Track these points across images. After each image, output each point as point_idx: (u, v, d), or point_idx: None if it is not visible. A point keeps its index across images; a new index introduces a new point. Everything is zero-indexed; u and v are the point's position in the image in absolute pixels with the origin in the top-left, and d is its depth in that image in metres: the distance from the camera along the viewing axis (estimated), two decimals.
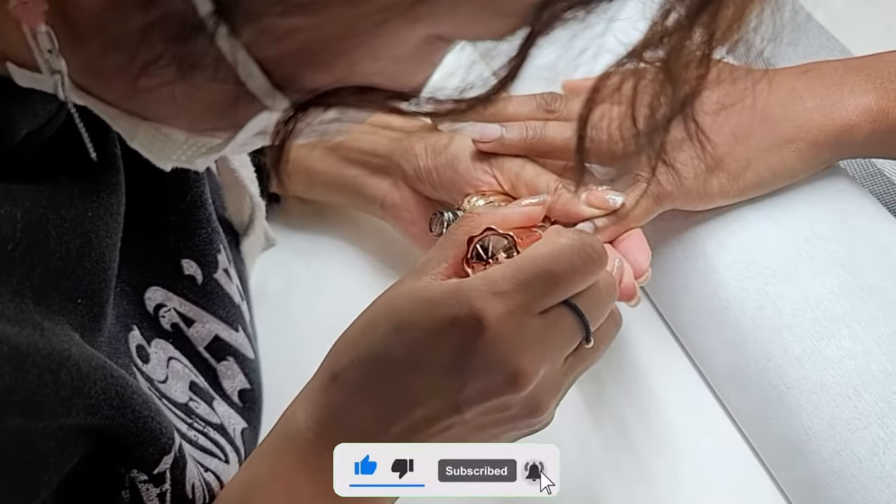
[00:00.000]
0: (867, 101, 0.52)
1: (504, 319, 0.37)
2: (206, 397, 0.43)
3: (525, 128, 0.51)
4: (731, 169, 0.51)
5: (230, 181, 0.49)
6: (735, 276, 0.51)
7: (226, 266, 0.45)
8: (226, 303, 0.45)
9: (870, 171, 0.63)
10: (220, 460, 0.42)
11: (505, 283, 0.37)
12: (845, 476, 0.45)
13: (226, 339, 0.45)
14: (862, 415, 0.46)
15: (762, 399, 0.49)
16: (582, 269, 0.38)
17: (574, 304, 0.39)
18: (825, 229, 0.52)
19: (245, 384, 0.46)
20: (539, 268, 0.38)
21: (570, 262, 0.38)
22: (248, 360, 0.46)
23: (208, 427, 0.42)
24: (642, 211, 0.50)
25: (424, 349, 0.38)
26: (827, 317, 0.49)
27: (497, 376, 0.37)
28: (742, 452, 0.51)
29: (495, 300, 0.37)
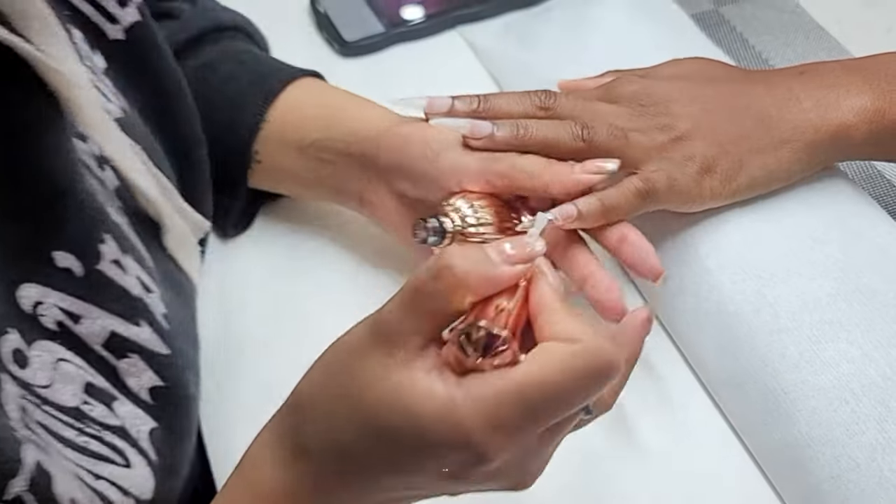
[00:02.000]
0: (863, 102, 0.51)
1: (509, 451, 0.34)
2: (105, 398, 0.41)
3: (516, 125, 0.50)
4: (724, 169, 0.51)
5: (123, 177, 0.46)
6: (731, 278, 0.51)
7: (115, 257, 0.42)
8: (119, 296, 0.42)
9: (869, 173, 0.63)
10: (117, 465, 0.40)
11: (507, 414, 0.33)
12: (843, 481, 0.45)
13: (125, 335, 0.42)
14: (860, 419, 0.46)
15: (759, 403, 0.49)
16: (594, 387, 0.34)
17: (589, 411, 0.37)
18: (823, 232, 0.52)
19: (156, 381, 0.43)
20: (547, 394, 0.34)
21: (581, 384, 0.34)
22: (158, 357, 0.43)
23: (104, 431, 0.40)
24: (628, 205, 0.49)
25: (411, 463, 0.35)
26: (825, 320, 0.48)
27: (493, 484, 0.37)
28: (739, 457, 0.50)
29: (497, 435, 0.33)
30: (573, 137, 0.50)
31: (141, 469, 0.41)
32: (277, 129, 0.57)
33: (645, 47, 0.64)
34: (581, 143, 0.50)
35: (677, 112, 0.51)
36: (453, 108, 0.51)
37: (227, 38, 0.61)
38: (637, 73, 0.55)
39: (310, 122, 0.56)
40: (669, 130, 0.51)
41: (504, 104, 0.51)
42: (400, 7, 0.73)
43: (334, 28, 0.72)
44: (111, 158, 0.44)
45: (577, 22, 0.68)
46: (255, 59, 0.60)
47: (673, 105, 0.52)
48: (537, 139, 0.50)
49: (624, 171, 0.51)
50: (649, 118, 0.51)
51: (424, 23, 0.72)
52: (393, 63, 0.71)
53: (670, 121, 0.51)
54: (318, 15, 0.74)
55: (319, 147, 0.56)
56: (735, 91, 0.53)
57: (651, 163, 0.50)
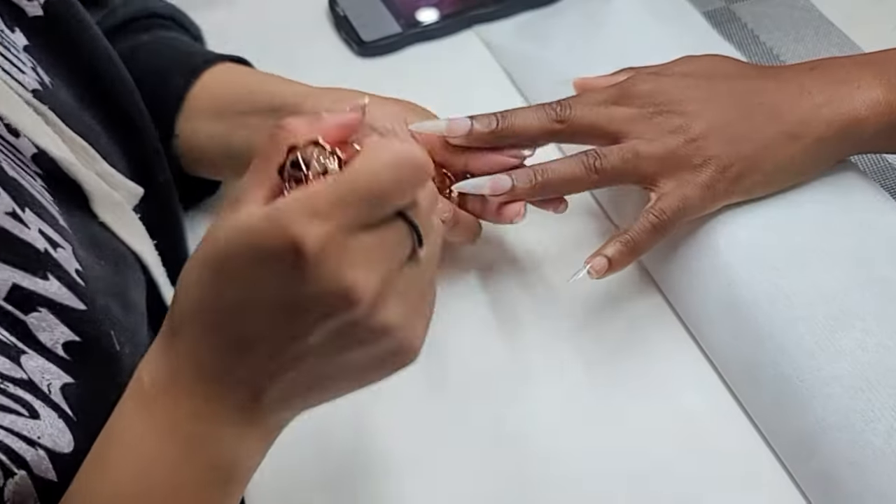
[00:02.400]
0: (875, 96, 0.52)
1: (326, 242, 0.34)
2: (11, 352, 0.40)
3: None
4: (738, 169, 0.52)
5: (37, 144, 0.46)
6: (747, 270, 0.52)
7: (10, 210, 0.41)
8: (18, 248, 0.41)
9: (881, 165, 0.64)
10: (20, 416, 0.38)
11: (323, 203, 0.35)
12: (861, 468, 0.46)
13: (31, 289, 0.41)
14: (876, 407, 0.46)
15: (775, 391, 0.49)
16: (407, 183, 0.36)
17: (407, 215, 0.37)
18: (836, 223, 0.53)
19: (71, 336, 0.42)
20: (361, 183, 0.35)
21: (394, 176, 0.35)
22: (72, 311, 0.42)
23: (7, 383, 0.39)
24: (648, 240, 0.51)
25: (250, 285, 0.36)
26: (840, 310, 0.49)
27: (329, 296, 0.35)
28: (757, 446, 0.51)
29: (314, 223, 0.34)
30: (587, 171, 0.52)
31: (52, 421, 0.40)
32: (200, 102, 0.58)
33: (657, 45, 0.65)
34: (595, 176, 0.52)
35: (691, 111, 0.52)
36: (473, 129, 0.52)
37: (157, 27, 0.62)
38: (650, 70, 0.56)
39: (229, 93, 0.58)
40: (684, 132, 0.52)
41: (521, 121, 0.53)
42: (417, 8, 0.74)
43: (352, 28, 0.73)
44: (18, 127, 0.44)
45: (590, 21, 0.69)
46: (184, 43, 0.61)
47: (687, 104, 0.52)
48: (554, 182, 0.52)
49: (639, 187, 0.53)
50: (663, 118, 0.52)
51: (441, 23, 0.73)
52: (410, 63, 0.72)
53: (685, 121, 0.52)
54: (336, 16, 0.75)
55: (241, 113, 0.56)
56: (748, 88, 0.54)
57: (664, 179, 0.52)
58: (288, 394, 0.38)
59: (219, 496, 0.40)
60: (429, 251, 0.38)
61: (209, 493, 0.39)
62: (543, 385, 0.54)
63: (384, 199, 0.36)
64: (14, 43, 0.48)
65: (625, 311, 0.57)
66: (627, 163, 0.52)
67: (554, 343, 0.55)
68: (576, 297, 0.57)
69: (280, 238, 0.34)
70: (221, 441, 0.38)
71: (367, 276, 0.35)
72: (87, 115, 0.51)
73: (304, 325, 0.36)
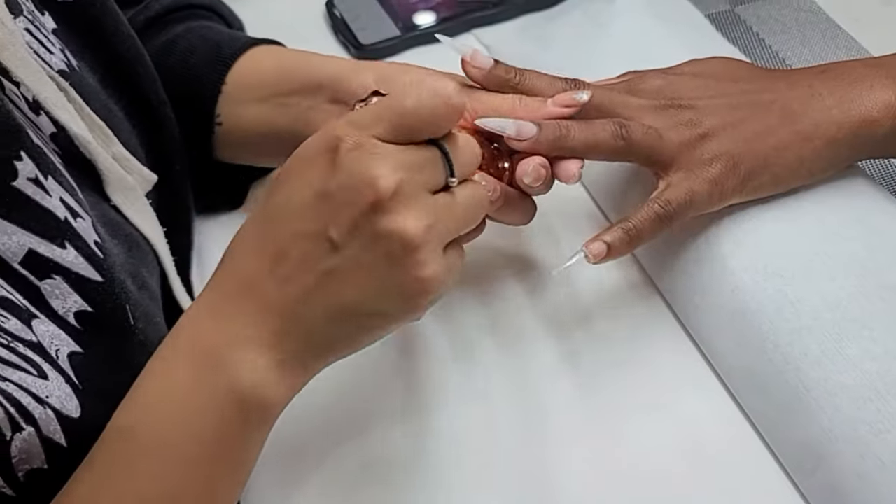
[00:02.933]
0: (887, 97, 0.51)
1: (360, 142, 0.40)
2: (23, 315, 0.41)
3: (558, 126, 0.50)
4: (748, 167, 0.51)
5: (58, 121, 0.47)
6: (752, 277, 0.51)
7: (33, 175, 0.42)
8: (38, 215, 0.41)
9: (889, 171, 0.62)
10: (28, 374, 0.39)
11: (360, 117, 0.41)
12: (868, 480, 0.44)
13: (47, 256, 0.42)
14: (885, 417, 0.45)
15: (781, 402, 0.48)
16: (429, 105, 0.41)
17: (436, 140, 0.42)
18: (844, 229, 0.52)
19: (83, 306, 0.43)
20: (390, 102, 0.42)
21: (418, 97, 0.41)
22: (87, 282, 0.43)
23: (17, 342, 0.40)
24: (651, 230, 0.50)
25: (295, 182, 0.41)
26: (847, 318, 0.48)
27: (355, 184, 0.40)
28: (762, 457, 0.50)
29: (352, 127, 0.41)
30: (614, 136, 0.50)
31: (60, 384, 0.40)
32: (237, 89, 0.58)
33: (661, 48, 0.64)
34: (622, 142, 0.50)
35: (703, 106, 0.51)
36: (493, 70, 0.52)
37: (192, 17, 0.62)
38: (658, 70, 0.55)
39: (271, 76, 0.58)
40: (695, 126, 0.51)
41: (537, 83, 0.52)
42: (415, 11, 0.73)
43: (350, 31, 0.72)
44: (41, 99, 0.45)
45: (592, 24, 0.68)
46: (217, 32, 0.61)
47: (697, 99, 0.52)
48: (579, 140, 0.50)
49: (652, 171, 0.51)
50: (675, 111, 0.51)
51: (439, 26, 0.72)
52: None
53: (696, 116, 0.51)
54: (333, 18, 0.74)
55: (284, 94, 0.57)
56: (759, 87, 0.53)
57: (675, 168, 0.50)
58: (316, 313, 0.41)
59: (238, 424, 0.41)
60: (466, 194, 0.43)
61: (228, 418, 0.40)
62: (542, 393, 0.53)
63: (409, 119, 0.41)
64: (43, 24, 0.49)
65: (626, 318, 0.55)
66: (651, 139, 0.50)
67: (552, 350, 0.54)
68: (575, 301, 0.56)
69: (324, 138, 0.41)
70: (245, 364, 0.40)
71: (392, 172, 0.40)
72: (110, 100, 0.52)
73: (331, 214, 0.40)
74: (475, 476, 0.50)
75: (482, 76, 0.51)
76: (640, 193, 0.55)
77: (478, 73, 0.51)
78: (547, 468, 0.50)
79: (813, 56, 0.70)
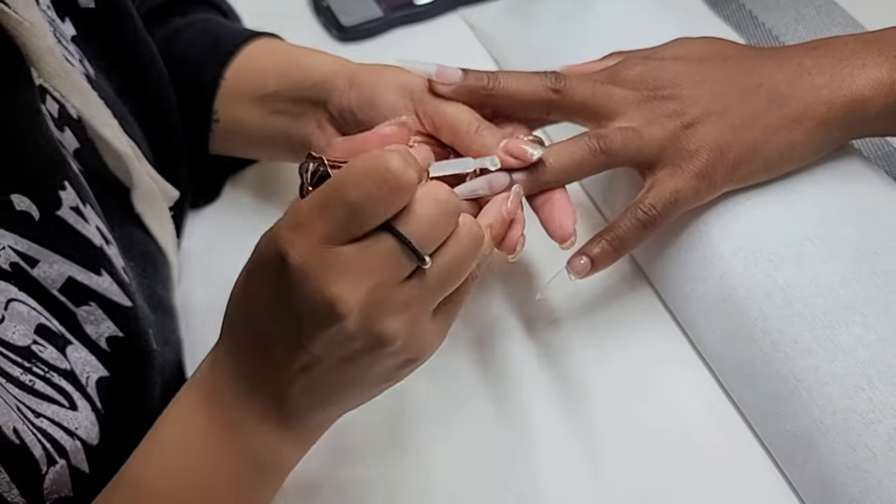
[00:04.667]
0: (880, 75, 0.49)
1: (306, 253, 0.37)
2: (59, 342, 0.42)
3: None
4: (737, 154, 0.49)
5: (92, 133, 0.48)
6: (741, 262, 0.49)
7: (74, 205, 0.43)
8: (78, 243, 0.43)
9: (885, 150, 0.61)
10: (61, 406, 0.41)
11: (303, 215, 0.37)
12: (859, 472, 0.43)
13: (84, 283, 0.43)
14: (877, 407, 0.44)
15: (771, 392, 0.47)
16: (374, 193, 0.36)
17: (390, 226, 0.37)
18: (837, 212, 0.50)
19: (115, 332, 0.44)
20: (332, 196, 0.37)
21: (361, 186, 0.36)
22: (118, 308, 0.45)
23: (52, 372, 0.41)
24: (635, 237, 0.48)
25: (257, 293, 0.39)
26: (839, 304, 0.47)
27: (316, 309, 0.37)
28: (752, 448, 0.49)
29: (295, 235, 0.37)
30: (593, 153, 0.48)
31: (87, 413, 0.42)
32: (234, 86, 0.58)
33: (649, 26, 0.62)
34: (602, 157, 0.49)
35: (687, 95, 0.50)
36: (463, 80, 0.49)
37: (193, 10, 0.62)
38: (641, 54, 0.53)
39: (266, 75, 0.57)
40: (679, 116, 0.49)
41: (513, 84, 0.50)
42: None
43: (332, 13, 0.71)
44: (86, 117, 0.46)
45: (577, 2, 0.67)
46: (216, 25, 0.61)
47: (681, 88, 0.50)
48: (558, 170, 0.48)
49: (637, 170, 0.50)
50: (658, 103, 0.50)
51: (424, 6, 0.71)
52: (392, 47, 0.70)
53: (680, 106, 0.49)
54: (315, 0, 0.73)
55: (277, 97, 0.56)
56: (746, 70, 0.51)
57: (660, 165, 0.49)
58: (308, 399, 0.40)
59: (254, 488, 0.42)
60: (445, 261, 0.39)
61: (245, 483, 0.42)
62: (527, 383, 0.52)
63: (356, 212, 0.37)
64: (64, 33, 0.49)
65: (612, 306, 0.54)
66: (631, 142, 0.49)
67: (538, 338, 0.53)
68: (562, 289, 0.55)
69: (270, 248, 0.38)
70: (258, 434, 0.41)
71: (352, 289, 0.37)
72: (125, 109, 0.53)
73: (305, 334, 0.38)
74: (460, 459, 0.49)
75: (452, 91, 0.49)
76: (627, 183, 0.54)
77: (447, 90, 0.49)
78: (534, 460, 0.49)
79: (807, 32, 0.68)
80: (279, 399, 0.40)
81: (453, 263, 0.39)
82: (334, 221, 0.36)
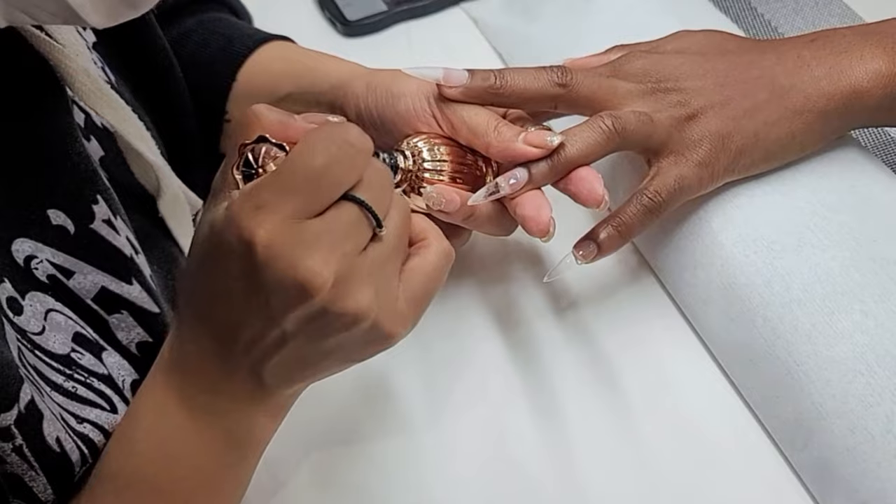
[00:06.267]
0: (878, 66, 0.50)
1: (274, 233, 0.36)
2: (94, 349, 0.43)
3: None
4: (738, 145, 0.50)
5: (123, 145, 0.49)
6: (742, 250, 0.50)
7: (106, 217, 0.45)
8: (110, 254, 0.45)
9: (883, 140, 0.62)
10: (103, 410, 0.42)
11: (267, 194, 0.36)
12: (858, 454, 0.44)
13: (116, 292, 0.44)
14: (875, 391, 0.45)
15: (771, 376, 0.48)
16: (341, 159, 0.37)
17: (353, 195, 0.37)
18: (835, 200, 0.51)
19: (145, 337, 0.46)
20: (296, 168, 0.36)
21: (327, 154, 0.36)
22: (148, 314, 0.46)
23: (92, 377, 0.42)
24: (641, 223, 0.49)
25: (223, 277, 0.38)
26: (838, 291, 0.47)
27: (289, 287, 0.36)
28: (752, 431, 0.49)
29: (260, 214, 0.36)
30: (609, 133, 0.49)
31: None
32: (247, 88, 0.58)
33: (651, 19, 0.63)
34: (617, 137, 0.49)
35: (689, 87, 0.50)
36: (470, 82, 0.49)
37: (205, 10, 0.62)
38: (643, 47, 0.54)
39: (279, 78, 0.58)
40: (683, 107, 0.50)
41: (521, 80, 0.50)
42: None
43: (336, 7, 0.71)
44: (121, 131, 0.47)
45: None
46: (228, 26, 0.61)
47: (684, 80, 0.51)
48: (578, 152, 0.48)
49: (644, 157, 0.51)
50: (662, 96, 0.50)
51: (428, 0, 0.71)
52: (396, 42, 0.70)
53: (682, 97, 0.50)
54: None
55: (291, 100, 0.56)
56: (746, 62, 0.52)
57: (666, 152, 0.50)
58: (282, 374, 0.40)
59: (234, 466, 0.42)
60: (393, 228, 0.39)
61: (225, 461, 0.42)
62: (530, 372, 0.52)
63: (322, 181, 0.36)
64: (86, 41, 0.50)
65: (615, 293, 0.55)
66: (643, 126, 0.49)
67: (541, 326, 0.54)
68: (565, 280, 0.55)
69: (233, 234, 0.36)
70: (233, 413, 0.41)
71: (322, 264, 0.36)
72: (142, 111, 0.53)
73: (275, 313, 0.37)
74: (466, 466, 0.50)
75: (461, 93, 0.49)
76: (630, 172, 0.54)
77: (455, 93, 0.49)
78: (536, 448, 0.50)
79: (806, 24, 0.68)
80: (252, 376, 0.40)
81: (400, 226, 0.40)
82: (301, 195, 0.36)
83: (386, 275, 0.39)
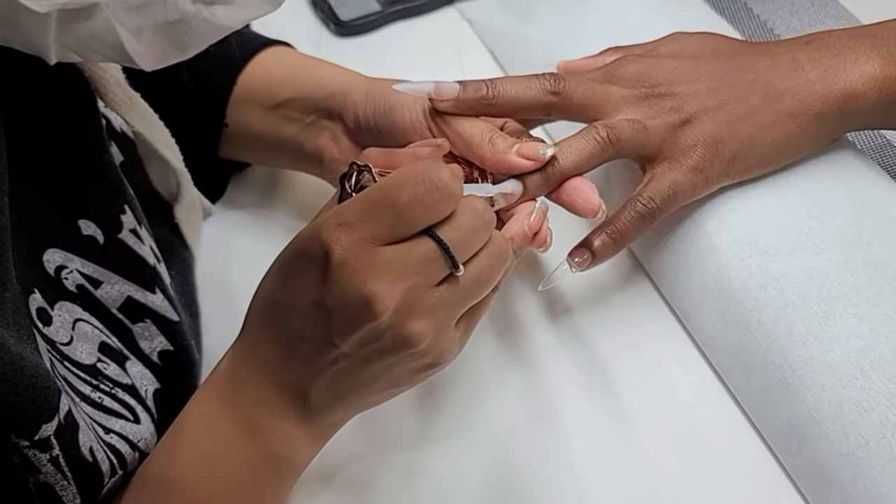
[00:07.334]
0: (872, 69, 0.50)
1: (350, 249, 0.38)
2: (119, 358, 0.44)
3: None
4: (733, 150, 0.50)
5: (148, 152, 0.50)
6: (737, 254, 0.50)
7: (133, 227, 0.45)
8: (136, 264, 0.45)
9: (878, 142, 0.61)
10: (127, 420, 0.43)
11: (350, 213, 0.38)
12: (853, 459, 0.44)
13: (140, 301, 0.45)
14: (869, 396, 0.45)
15: (766, 381, 0.48)
16: (426, 198, 0.38)
17: (433, 232, 0.39)
18: (830, 203, 0.51)
19: (166, 346, 0.46)
20: (382, 197, 0.38)
21: (413, 190, 0.38)
22: (169, 323, 0.46)
23: (117, 388, 0.43)
24: (635, 229, 0.49)
25: (292, 286, 0.40)
26: (832, 295, 0.47)
27: (352, 306, 0.38)
28: (747, 436, 0.49)
29: (341, 231, 0.38)
30: (603, 144, 0.48)
31: (147, 425, 0.44)
32: (245, 93, 0.58)
33: (646, 21, 0.62)
34: (611, 148, 0.49)
35: (683, 92, 0.50)
36: (461, 94, 0.49)
37: None
38: (637, 51, 0.54)
39: (278, 83, 0.58)
40: (677, 112, 0.50)
41: (513, 89, 0.49)
42: None
43: (330, 8, 0.71)
44: (149, 138, 0.48)
45: None
46: None
47: (677, 85, 0.50)
48: (572, 162, 0.48)
49: (638, 163, 0.50)
50: (656, 101, 0.50)
51: (422, 0, 0.71)
52: (390, 42, 0.70)
53: (676, 102, 0.50)
54: None
55: (289, 106, 0.57)
56: (740, 66, 0.52)
57: (660, 159, 0.49)
58: (328, 396, 0.41)
59: (272, 486, 0.43)
60: (475, 272, 0.40)
61: (264, 480, 0.42)
62: (526, 372, 0.52)
63: (403, 216, 0.38)
64: None
65: (610, 297, 0.55)
66: (637, 134, 0.49)
67: (536, 329, 0.54)
68: (560, 284, 0.55)
69: (313, 243, 0.38)
70: (278, 432, 0.42)
71: (387, 289, 0.38)
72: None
73: (336, 330, 0.39)
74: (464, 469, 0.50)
75: (453, 106, 0.49)
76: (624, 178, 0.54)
77: (447, 106, 0.49)
78: (528, 452, 0.50)
79: (802, 25, 0.68)
80: (301, 394, 0.41)
81: (483, 273, 0.41)
82: (381, 221, 0.38)
83: (451, 314, 0.40)
